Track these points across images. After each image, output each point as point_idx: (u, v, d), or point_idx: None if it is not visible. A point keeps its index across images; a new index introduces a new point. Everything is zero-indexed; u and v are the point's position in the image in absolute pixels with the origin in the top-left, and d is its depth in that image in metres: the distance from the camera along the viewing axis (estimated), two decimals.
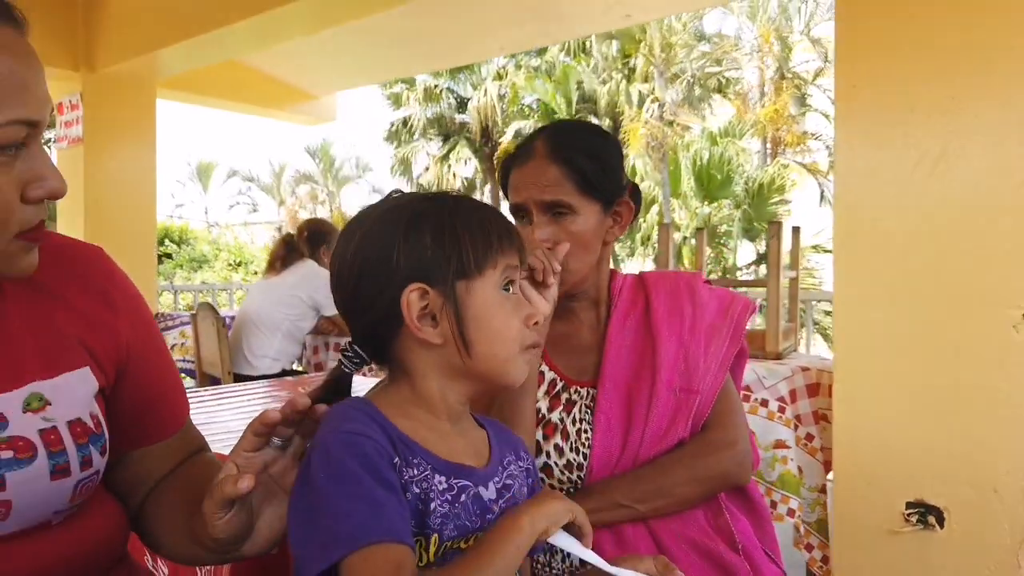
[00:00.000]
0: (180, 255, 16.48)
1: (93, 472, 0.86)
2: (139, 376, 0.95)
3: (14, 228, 0.79)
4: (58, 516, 0.84)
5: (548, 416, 1.21)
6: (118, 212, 4.58)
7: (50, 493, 0.81)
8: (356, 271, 0.83)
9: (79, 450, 0.84)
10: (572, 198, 1.19)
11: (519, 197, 1.21)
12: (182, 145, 55.46)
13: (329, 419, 0.80)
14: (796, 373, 2.27)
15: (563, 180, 1.19)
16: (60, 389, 0.85)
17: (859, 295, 2.04)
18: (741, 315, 1.27)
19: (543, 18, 4.24)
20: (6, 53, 0.75)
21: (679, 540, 1.15)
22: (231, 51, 4.45)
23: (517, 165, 1.24)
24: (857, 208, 2.04)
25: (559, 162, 1.19)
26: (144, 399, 0.96)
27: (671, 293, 1.28)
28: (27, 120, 0.76)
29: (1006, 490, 1.81)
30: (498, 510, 0.84)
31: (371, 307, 0.83)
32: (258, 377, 3.62)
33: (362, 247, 0.84)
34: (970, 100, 1.86)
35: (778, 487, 2.21)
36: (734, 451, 1.22)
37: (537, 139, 1.24)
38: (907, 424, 1.95)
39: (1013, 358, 1.81)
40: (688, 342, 1.23)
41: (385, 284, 0.82)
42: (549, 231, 1.18)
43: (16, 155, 0.77)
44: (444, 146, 23.84)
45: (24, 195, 0.78)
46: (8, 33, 0.76)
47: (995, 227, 1.83)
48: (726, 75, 19.79)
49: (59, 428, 0.83)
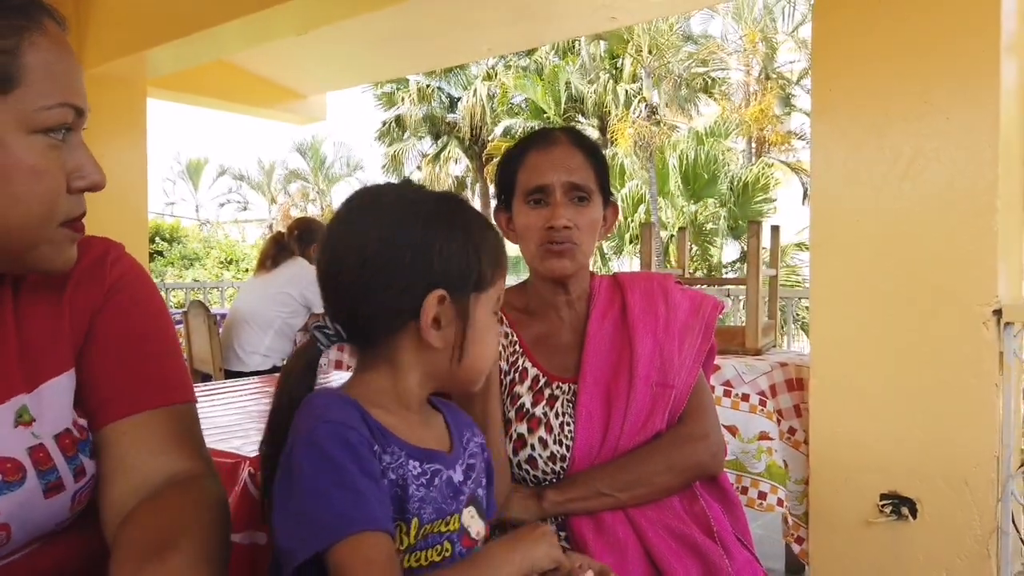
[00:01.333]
0: (171, 253, 16.42)
1: (88, 479, 0.84)
2: (107, 337, 0.89)
3: (60, 217, 0.80)
4: (60, 527, 0.83)
5: (532, 411, 1.25)
6: (108, 210, 4.54)
7: (47, 510, 0.80)
8: (384, 258, 0.82)
9: (69, 462, 0.82)
10: (592, 185, 1.26)
11: (543, 179, 1.24)
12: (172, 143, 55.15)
13: (311, 409, 0.81)
14: (775, 368, 2.32)
15: (587, 167, 1.27)
16: (44, 400, 0.82)
17: (835, 294, 2.09)
18: (711, 314, 1.34)
19: (531, 19, 4.27)
20: (57, 44, 0.79)
21: (656, 526, 1.20)
22: (221, 51, 4.46)
23: (538, 149, 1.27)
24: (833, 209, 2.08)
25: (584, 151, 1.27)
26: (113, 360, 0.88)
27: (645, 293, 1.33)
28: (76, 105, 0.79)
29: (976, 482, 1.86)
30: (467, 491, 0.89)
31: (387, 296, 0.82)
32: (249, 373, 3.64)
33: (395, 236, 0.83)
34: (943, 104, 1.91)
35: (765, 477, 2.25)
36: (707, 442, 1.28)
37: (557, 131, 1.31)
38: (881, 419, 2.00)
39: (983, 355, 1.86)
40: (663, 340, 1.28)
41: (414, 282, 0.82)
42: (571, 212, 1.24)
43: (63, 141, 0.79)
44: (435, 145, 23.83)
45: (68, 185, 0.80)
46: (57, 28, 0.80)
47: (967, 227, 1.88)
48: (712, 75, 19.86)
49: (46, 444, 0.80)
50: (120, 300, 0.90)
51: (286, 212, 29.32)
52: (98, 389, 0.87)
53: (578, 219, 1.24)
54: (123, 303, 0.91)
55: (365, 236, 0.83)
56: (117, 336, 0.89)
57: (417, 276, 0.82)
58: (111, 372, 0.88)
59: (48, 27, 0.79)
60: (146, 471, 0.84)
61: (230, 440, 1.52)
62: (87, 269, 0.90)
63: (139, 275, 0.95)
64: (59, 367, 0.85)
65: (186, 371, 0.95)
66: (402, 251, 0.82)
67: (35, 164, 0.77)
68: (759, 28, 18.88)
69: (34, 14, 0.78)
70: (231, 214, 32.44)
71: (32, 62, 0.76)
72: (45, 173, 0.78)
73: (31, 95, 0.76)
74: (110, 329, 0.89)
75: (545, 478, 1.24)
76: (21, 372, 0.82)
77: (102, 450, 0.86)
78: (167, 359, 0.93)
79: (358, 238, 0.84)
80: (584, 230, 1.25)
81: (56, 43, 0.79)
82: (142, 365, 0.89)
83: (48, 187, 0.78)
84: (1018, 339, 1.88)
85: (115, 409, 0.86)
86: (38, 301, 0.86)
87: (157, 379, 0.90)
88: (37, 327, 0.85)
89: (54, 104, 0.77)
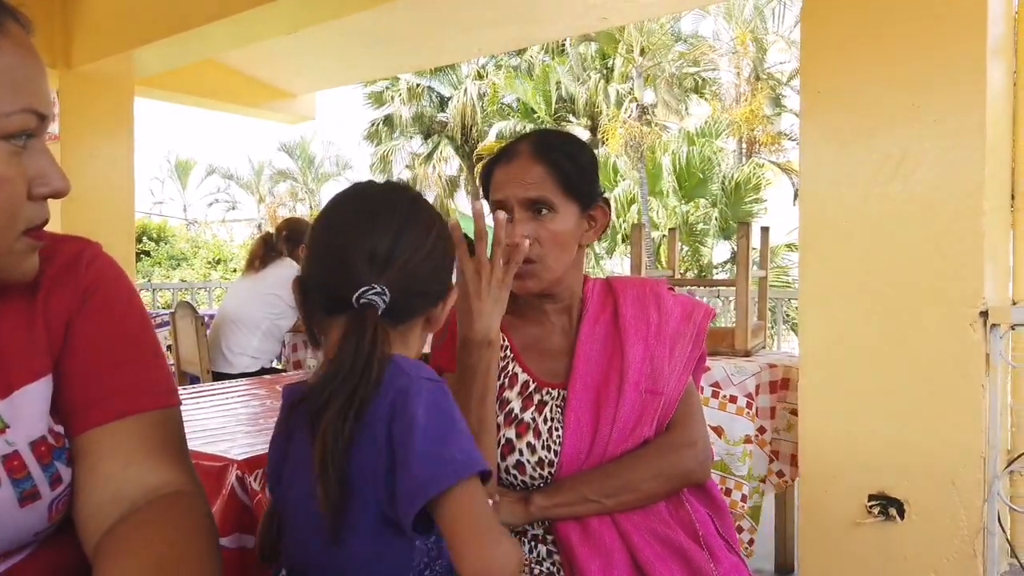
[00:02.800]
0: (159, 253, 16.32)
1: (65, 487, 0.82)
2: (82, 341, 0.86)
3: (21, 225, 0.78)
4: (39, 536, 0.81)
5: (521, 416, 1.25)
6: (95, 210, 4.54)
7: (23, 520, 0.78)
8: (440, 252, 0.94)
9: (45, 470, 0.79)
10: (554, 196, 1.23)
11: (501, 194, 1.24)
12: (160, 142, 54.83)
13: (407, 370, 0.87)
14: (763, 370, 2.33)
15: (546, 178, 1.23)
16: (19, 407, 0.80)
17: (824, 295, 2.10)
18: (703, 322, 1.33)
19: (521, 20, 4.27)
20: (18, 46, 0.76)
21: (642, 531, 1.20)
22: (209, 50, 4.45)
23: (501, 164, 1.27)
24: (822, 210, 2.09)
25: (543, 162, 1.24)
26: (88, 365, 0.86)
27: (638, 299, 1.32)
28: (39, 111, 0.77)
29: (963, 483, 1.87)
30: None
31: (436, 280, 0.94)
32: (238, 375, 3.62)
33: (438, 237, 0.94)
34: (931, 106, 1.91)
35: (747, 480, 2.27)
36: (695, 450, 1.27)
37: (522, 142, 1.29)
38: (869, 420, 2.01)
39: (970, 356, 1.87)
40: (654, 346, 1.28)
41: (448, 281, 0.96)
42: (530, 227, 1.22)
43: (24, 148, 0.77)
44: (425, 144, 23.76)
45: (30, 192, 0.78)
46: (20, 31, 0.77)
47: (953, 229, 1.89)
48: (703, 76, 19.91)
49: (21, 452, 0.78)
50: (96, 303, 0.88)
51: (273, 212, 29.19)
52: (73, 395, 0.85)
53: (540, 232, 1.22)
54: (99, 305, 0.88)
55: (418, 224, 0.94)
56: (93, 340, 0.87)
57: (449, 274, 0.97)
58: (87, 377, 0.85)
59: (11, 30, 0.76)
60: (120, 481, 0.82)
61: (217, 443, 1.51)
62: (61, 271, 0.87)
63: (115, 275, 0.92)
64: (34, 373, 0.82)
65: (167, 374, 0.92)
66: (446, 250, 0.97)
67: None
68: (750, 29, 18.95)
69: None
70: (219, 213, 32.28)
71: None
72: (4, 181, 0.75)
73: None
74: (86, 333, 0.87)
75: (532, 483, 1.23)
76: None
77: (78, 458, 0.83)
78: (145, 363, 0.90)
79: (414, 223, 0.93)
80: (547, 243, 1.22)
81: (18, 46, 0.76)
82: (119, 370, 0.87)
83: (7, 195, 0.76)
84: (1004, 340, 1.89)
85: (91, 416, 0.84)
86: (9, 306, 0.83)
87: (134, 384, 0.87)
88: (8, 333, 0.82)
89: (16, 110, 0.75)
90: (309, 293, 0.92)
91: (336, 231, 0.91)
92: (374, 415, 0.84)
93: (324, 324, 0.92)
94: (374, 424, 0.84)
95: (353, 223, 0.90)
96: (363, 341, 0.85)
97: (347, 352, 0.85)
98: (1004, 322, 1.86)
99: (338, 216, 0.93)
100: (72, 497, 0.83)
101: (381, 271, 0.88)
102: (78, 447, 0.84)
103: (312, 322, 0.94)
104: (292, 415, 0.94)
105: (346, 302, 0.87)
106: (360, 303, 0.86)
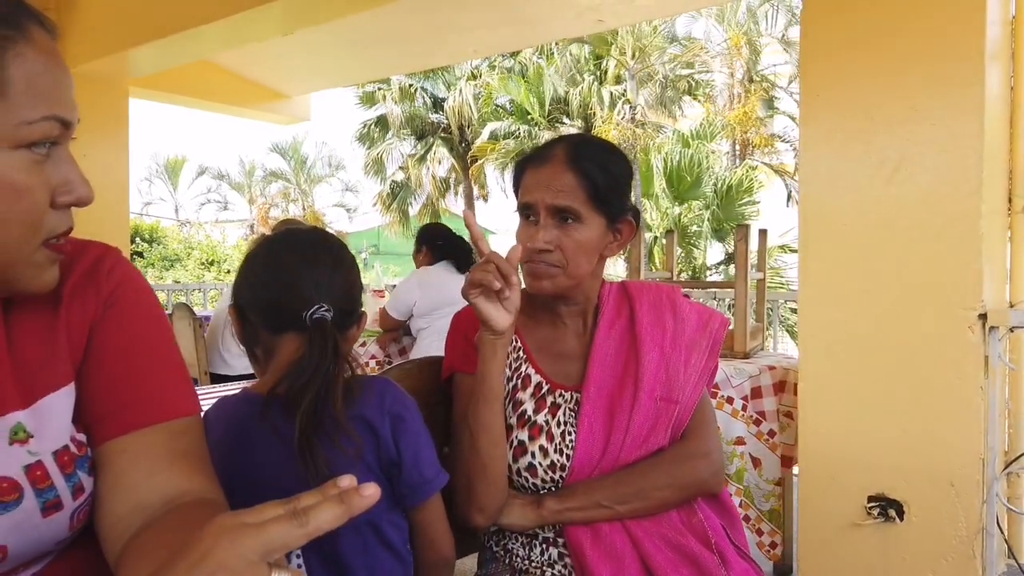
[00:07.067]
0: (151, 254, 16.26)
1: (87, 496, 0.81)
2: (105, 350, 0.86)
3: (43, 234, 0.77)
4: (60, 545, 0.81)
5: (534, 418, 1.25)
6: (90, 211, 4.44)
7: (46, 530, 0.78)
8: (358, 282, 1.22)
9: (68, 480, 0.79)
10: (582, 206, 1.21)
11: (531, 197, 1.23)
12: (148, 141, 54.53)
13: (389, 384, 1.16)
14: (763, 372, 2.33)
15: (576, 188, 1.21)
16: (43, 416, 0.79)
17: (822, 298, 2.10)
18: (719, 331, 1.32)
19: (516, 22, 4.26)
20: (44, 53, 0.75)
21: (653, 537, 1.20)
22: (203, 51, 4.42)
23: (533, 166, 1.25)
24: (821, 213, 2.10)
25: (575, 170, 1.21)
26: (111, 375, 0.85)
27: (654, 305, 1.31)
28: (62, 118, 0.76)
29: (962, 484, 1.88)
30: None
31: (357, 304, 1.21)
32: (235, 377, 3.62)
33: (355, 271, 1.22)
34: (929, 110, 1.92)
35: (734, 480, 2.28)
36: (709, 460, 1.27)
37: (557, 145, 1.26)
38: (868, 421, 2.01)
39: (968, 358, 1.88)
40: (670, 354, 1.27)
41: (360, 301, 1.22)
42: (554, 235, 1.21)
43: (48, 156, 0.76)
44: (418, 145, 23.70)
45: (53, 200, 0.77)
46: (45, 36, 0.77)
47: (951, 232, 1.90)
48: (696, 77, 19.95)
49: (44, 462, 0.78)
50: (117, 311, 0.87)
51: (264, 213, 29.06)
52: (96, 404, 0.84)
53: (563, 240, 1.21)
54: (120, 314, 0.87)
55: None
56: (115, 349, 0.86)
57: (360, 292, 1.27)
58: (109, 386, 0.85)
59: (35, 36, 0.75)
60: (144, 490, 0.81)
61: None
62: (82, 279, 0.87)
63: (137, 283, 0.91)
64: (58, 382, 0.82)
65: (188, 382, 0.91)
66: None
67: (15, 182, 0.73)
68: (743, 31, 18.99)
69: (21, 22, 0.74)
70: (211, 214, 32.09)
71: (16, 75, 0.72)
72: (26, 191, 0.74)
73: (13, 109, 0.72)
74: (108, 341, 0.86)
75: (543, 486, 1.23)
76: (16, 389, 0.79)
77: (100, 467, 0.83)
78: (167, 371, 0.89)
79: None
80: (570, 250, 1.21)
81: (43, 53, 0.75)
82: (141, 378, 0.86)
83: (29, 206, 0.75)
84: (1002, 343, 1.90)
85: (114, 425, 0.83)
86: (31, 315, 0.83)
87: (157, 393, 0.87)
88: (32, 342, 0.82)
89: (38, 118, 0.73)
90: (252, 315, 1.15)
91: (280, 265, 1.14)
92: (372, 420, 1.11)
93: (271, 341, 1.14)
94: (374, 425, 1.11)
95: (299, 258, 1.14)
96: (328, 343, 1.07)
97: (315, 353, 1.06)
98: (1003, 324, 1.87)
99: (281, 254, 1.16)
100: (94, 506, 0.82)
101: (325, 294, 1.11)
102: (101, 456, 0.83)
103: (255, 341, 1.17)
104: (256, 423, 1.11)
105: (297, 319, 1.09)
106: (313, 318, 1.09)
